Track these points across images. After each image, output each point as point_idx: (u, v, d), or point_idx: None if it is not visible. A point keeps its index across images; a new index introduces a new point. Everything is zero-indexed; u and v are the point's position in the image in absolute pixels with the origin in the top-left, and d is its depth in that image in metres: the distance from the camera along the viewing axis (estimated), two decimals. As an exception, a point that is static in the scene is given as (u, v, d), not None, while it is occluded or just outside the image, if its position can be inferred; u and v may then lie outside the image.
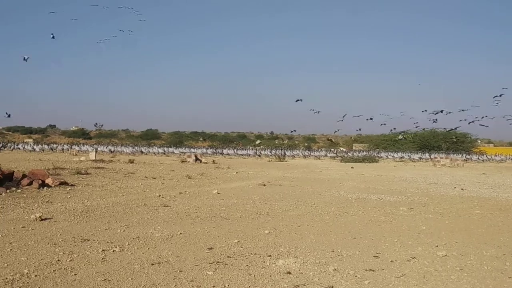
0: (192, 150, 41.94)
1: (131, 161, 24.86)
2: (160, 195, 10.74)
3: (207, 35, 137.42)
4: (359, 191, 12.83)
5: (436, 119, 25.22)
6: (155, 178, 15.42)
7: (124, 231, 6.67)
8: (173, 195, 10.95)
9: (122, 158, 29.94)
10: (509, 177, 20.51)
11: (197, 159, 27.58)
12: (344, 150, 53.03)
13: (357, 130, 32.90)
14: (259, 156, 41.29)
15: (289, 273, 4.71)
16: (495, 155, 46.49)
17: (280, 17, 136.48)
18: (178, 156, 36.44)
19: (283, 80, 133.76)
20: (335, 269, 4.84)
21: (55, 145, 43.70)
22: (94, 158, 26.26)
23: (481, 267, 5.03)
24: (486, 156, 45.54)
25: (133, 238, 6.16)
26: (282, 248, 5.76)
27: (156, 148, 44.57)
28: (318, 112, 27.11)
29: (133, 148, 43.27)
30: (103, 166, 20.00)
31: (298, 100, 26.42)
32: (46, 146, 42.43)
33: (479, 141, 62.18)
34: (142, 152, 41.45)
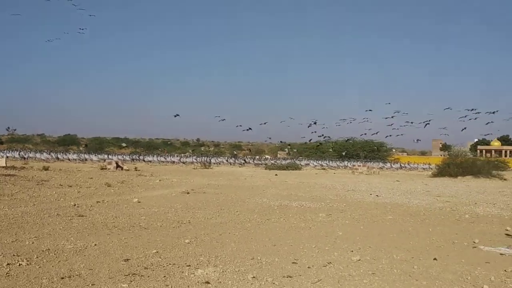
0: (113, 156, 40.40)
1: (46, 168, 23.41)
2: (75, 204, 10.20)
3: (132, 41, 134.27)
4: (281, 198, 13.07)
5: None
6: (71, 186, 14.65)
7: (33, 243, 6.24)
8: (89, 204, 10.45)
9: (36, 164, 28.11)
10: (420, 184, 21.95)
11: (118, 166, 26.61)
12: (269, 157, 53.93)
13: (268, 138, 34.25)
14: (184, 163, 40.79)
15: (208, 282, 4.64)
16: (408, 163, 49.68)
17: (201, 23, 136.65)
18: (97, 163, 34.95)
19: (202, 87, 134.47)
20: (253, 277, 4.85)
21: (-41, 151, 40.09)
22: (4, 165, 24.38)
23: (391, 271, 5.29)
24: (400, 164, 48.50)
25: (43, 251, 5.77)
26: (202, 257, 5.68)
27: (74, 154, 42.39)
28: (224, 120, 28.14)
29: (49, 154, 40.79)
30: (14, 174, 18.66)
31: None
32: (-51, 152, 38.81)
33: (394, 150, 66.14)
34: (58, 158, 39.25)
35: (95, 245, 6.22)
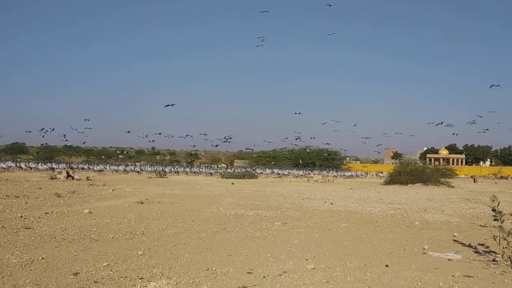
0: (64, 165, 39.05)
1: (-9, 178, 22.33)
2: (22, 216, 9.74)
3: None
4: (238, 207, 13.01)
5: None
6: (18, 197, 14.00)
7: (-27, 258, 5.88)
8: (37, 215, 10.01)
9: (-21, 174, 26.74)
10: (373, 191, 22.50)
11: (69, 175, 25.73)
12: (226, 166, 53.84)
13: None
14: (138, 172, 40.01)
15: (161, 295, 4.53)
16: (362, 172, 51.01)
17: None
18: (47, 172, 33.65)
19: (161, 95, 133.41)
20: (208, 289, 4.78)
21: None
22: None
23: (345, 278, 5.35)
24: (353, 173, 49.70)
25: (-16, 267, 5.45)
26: (156, 269, 5.55)
27: (22, 163, 40.65)
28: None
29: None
30: (-46, 184, 17.64)
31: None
32: None
33: (348, 158, 67.73)
34: (3, 168, 37.53)
35: (42, 258, 5.94)
